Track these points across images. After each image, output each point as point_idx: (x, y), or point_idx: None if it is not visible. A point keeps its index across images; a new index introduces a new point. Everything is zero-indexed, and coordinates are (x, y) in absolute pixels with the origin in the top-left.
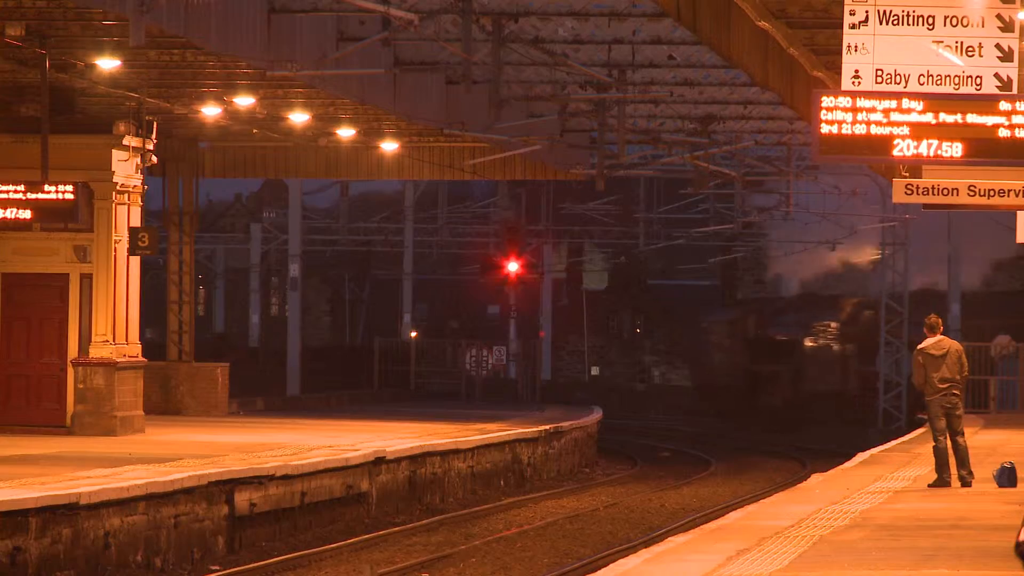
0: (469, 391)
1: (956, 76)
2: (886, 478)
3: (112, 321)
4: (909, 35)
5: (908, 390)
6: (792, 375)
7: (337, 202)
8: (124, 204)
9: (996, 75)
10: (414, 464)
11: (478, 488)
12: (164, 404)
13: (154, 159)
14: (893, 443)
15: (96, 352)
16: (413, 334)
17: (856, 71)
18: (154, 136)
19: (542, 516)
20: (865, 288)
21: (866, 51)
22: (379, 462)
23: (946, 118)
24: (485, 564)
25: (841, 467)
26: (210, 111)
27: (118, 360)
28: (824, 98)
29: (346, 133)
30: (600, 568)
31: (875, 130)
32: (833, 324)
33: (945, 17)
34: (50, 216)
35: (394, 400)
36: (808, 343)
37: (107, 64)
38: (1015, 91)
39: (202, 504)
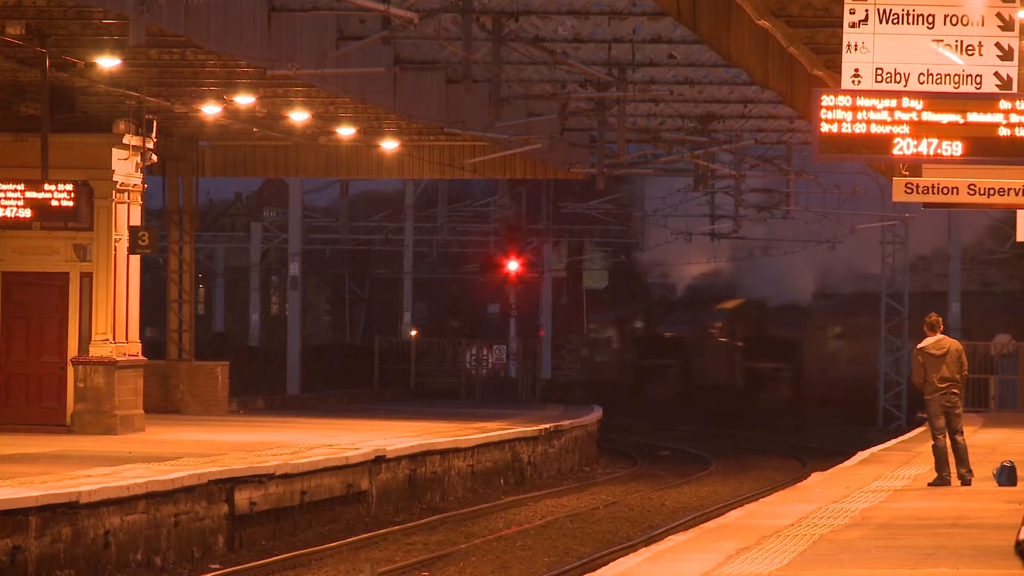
0: (469, 390)
1: (956, 75)
2: (886, 477)
3: (112, 320)
4: (909, 34)
5: (908, 389)
6: (680, 369)
7: (337, 201)
8: (124, 203)
9: (996, 74)
10: (414, 463)
11: (478, 487)
12: (164, 403)
13: (154, 158)
14: (893, 442)
15: (96, 351)
16: (413, 333)
17: (856, 70)
18: (154, 135)
19: (542, 515)
20: (743, 290)
21: (866, 50)
22: (379, 461)
23: (946, 117)
24: (485, 563)
25: (841, 466)
26: (210, 110)
27: (118, 359)
28: (824, 97)
29: (346, 132)
30: (600, 567)
31: (875, 129)
32: (719, 323)
33: (945, 16)
34: (50, 215)
35: (394, 399)
36: (695, 340)
37: (107, 63)
38: (1015, 90)
39: (202, 503)
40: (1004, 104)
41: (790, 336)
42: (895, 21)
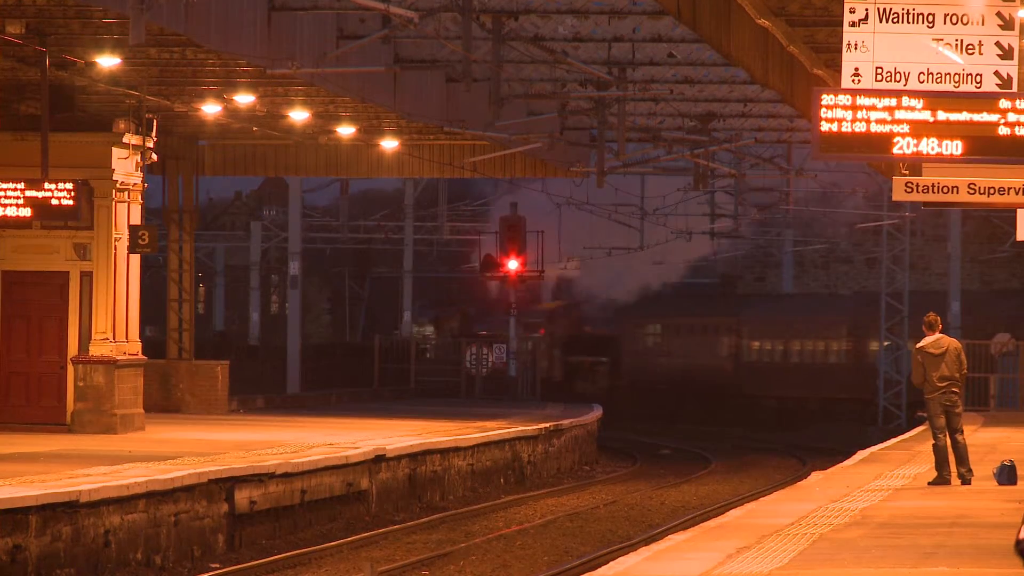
0: (469, 389)
1: (956, 74)
2: (886, 476)
3: (112, 319)
4: (909, 33)
5: (908, 388)
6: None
7: (337, 200)
8: (124, 202)
9: (996, 73)
10: (414, 462)
11: (478, 486)
12: (164, 402)
13: (154, 157)
14: (893, 441)
15: (96, 350)
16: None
17: (856, 69)
18: (154, 134)
19: (542, 514)
20: (574, 289)
21: (866, 49)
22: (379, 460)
23: (946, 116)
24: (485, 562)
25: (841, 465)
26: (210, 109)
27: (118, 358)
28: (824, 96)
29: (346, 131)
30: (600, 566)
31: (875, 128)
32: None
33: (945, 15)
34: (50, 214)
35: (394, 398)
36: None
37: (107, 62)
38: (1015, 89)
39: (202, 502)
40: (1004, 103)
41: (607, 333)
42: (895, 20)
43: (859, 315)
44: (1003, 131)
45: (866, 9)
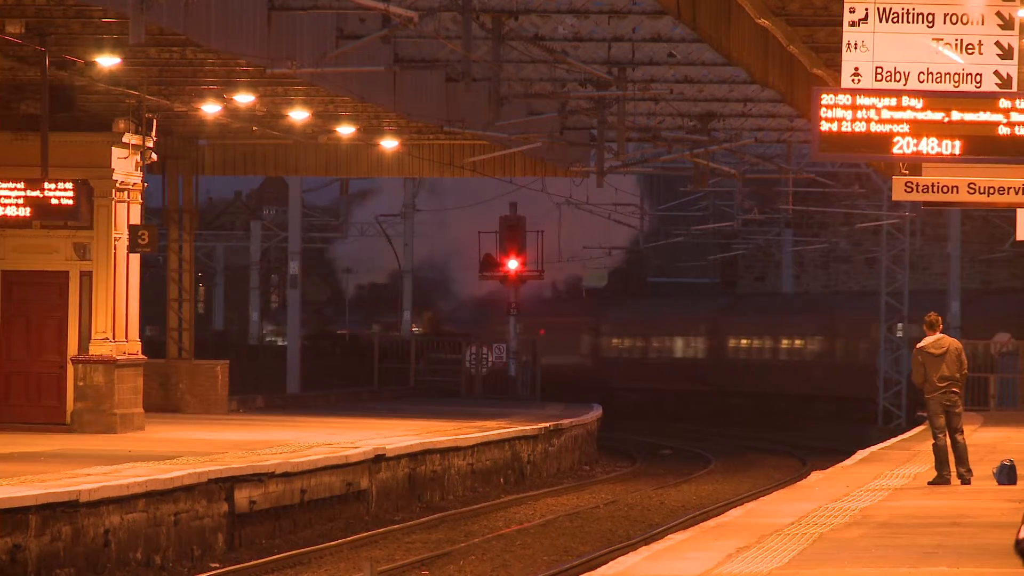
0: (469, 389)
1: (956, 74)
2: (886, 476)
3: (112, 318)
4: (909, 33)
5: (908, 388)
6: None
7: (337, 199)
8: (124, 202)
9: (996, 72)
10: (414, 462)
11: (478, 486)
12: (164, 402)
13: (154, 156)
14: (893, 441)
15: (96, 350)
16: (413, 328)
17: (856, 69)
18: (154, 133)
19: (542, 514)
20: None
21: (866, 48)
22: (379, 460)
23: (946, 116)
24: (485, 561)
25: (841, 465)
26: (210, 108)
27: (118, 358)
28: (824, 96)
29: (346, 131)
30: (600, 566)
31: (875, 128)
32: (401, 320)
33: (945, 15)
34: (50, 214)
35: (394, 398)
36: (372, 336)
37: (107, 62)
38: (1015, 89)
39: (202, 502)
40: (1004, 103)
41: (467, 332)
42: (895, 20)
43: (720, 314)
44: (1003, 131)
45: (866, 9)
